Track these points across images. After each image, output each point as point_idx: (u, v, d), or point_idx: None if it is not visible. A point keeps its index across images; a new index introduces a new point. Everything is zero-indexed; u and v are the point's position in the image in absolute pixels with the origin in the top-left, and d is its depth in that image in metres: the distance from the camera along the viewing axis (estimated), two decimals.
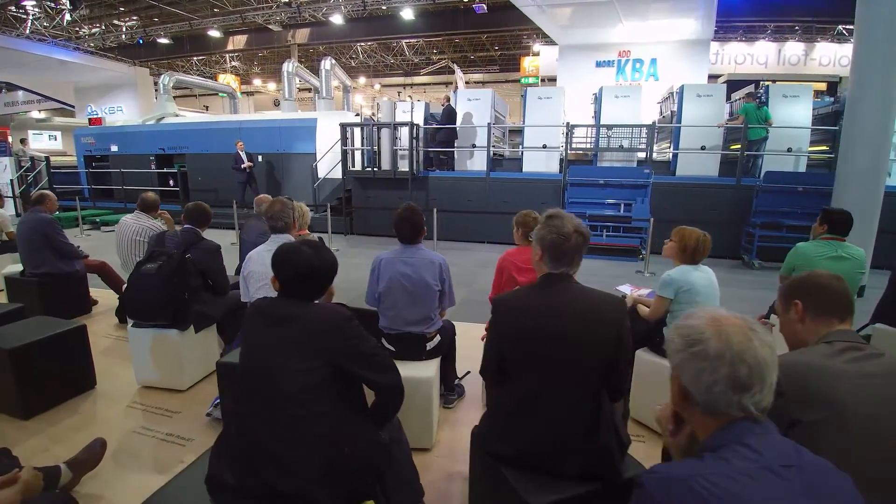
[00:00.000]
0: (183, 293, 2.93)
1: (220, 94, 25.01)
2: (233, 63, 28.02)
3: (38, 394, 2.83)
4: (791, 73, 16.94)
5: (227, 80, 24.68)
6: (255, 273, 2.51)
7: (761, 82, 11.45)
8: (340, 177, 10.65)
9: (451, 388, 3.07)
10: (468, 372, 3.35)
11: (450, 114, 9.73)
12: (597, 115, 9.81)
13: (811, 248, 3.44)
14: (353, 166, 10.68)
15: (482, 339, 3.10)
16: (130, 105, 19.02)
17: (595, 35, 12.92)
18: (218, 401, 2.70)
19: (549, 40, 19.54)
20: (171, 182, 13.03)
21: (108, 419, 2.86)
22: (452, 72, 29.81)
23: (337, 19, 18.65)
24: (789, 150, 8.83)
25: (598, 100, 9.88)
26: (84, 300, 4.66)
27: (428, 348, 2.66)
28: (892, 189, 6.74)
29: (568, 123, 9.13)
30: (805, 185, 7.87)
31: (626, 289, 3.45)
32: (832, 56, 16.98)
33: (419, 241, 2.74)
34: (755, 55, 17.83)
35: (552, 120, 9.51)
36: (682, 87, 9.41)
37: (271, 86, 31.03)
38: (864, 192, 6.24)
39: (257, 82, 30.91)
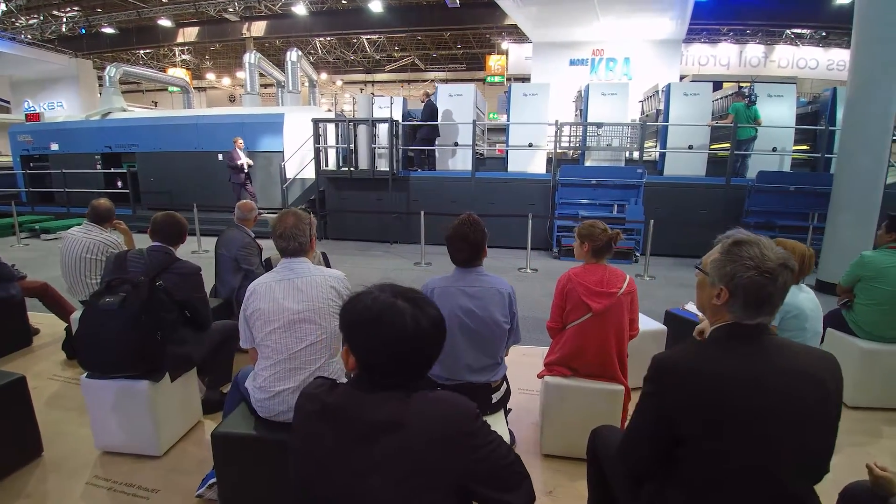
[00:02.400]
0: (155, 333, 2.24)
1: (171, 88, 23.33)
2: (183, 56, 26.28)
3: None
4: (752, 75, 17.34)
5: (178, 74, 23.02)
6: (262, 312, 1.86)
7: (741, 84, 11.46)
8: (312, 177, 9.89)
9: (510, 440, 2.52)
10: (510, 409, 2.81)
11: (432, 110, 9.15)
12: (583, 112, 9.47)
13: (879, 256, 3.10)
14: (327, 165, 9.94)
15: (539, 377, 2.60)
16: (72, 100, 17.37)
17: (570, 33, 12.75)
18: (213, 479, 2.04)
19: (517, 38, 19.36)
20: (120, 184, 11.82)
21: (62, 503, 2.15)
22: (416, 70, 29.30)
23: (300, 10, 17.65)
24: (774, 149, 8.78)
25: (584, 97, 9.54)
26: (22, 331, 3.78)
27: (494, 401, 2.09)
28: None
29: (557, 121, 8.75)
30: (800, 186, 7.77)
31: (692, 308, 3.02)
32: (790, 58, 17.54)
33: (480, 264, 2.16)
34: (718, 56, 18.22)
35: (538, 117, 9.10)
36: (668, 86, 9.21)
37: (226, 81, 29.41)
38: (865, 193, 6.14)
39: (210, 77, 29.18)
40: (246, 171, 9.97)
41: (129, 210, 10.59)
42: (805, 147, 9.38)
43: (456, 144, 9.46)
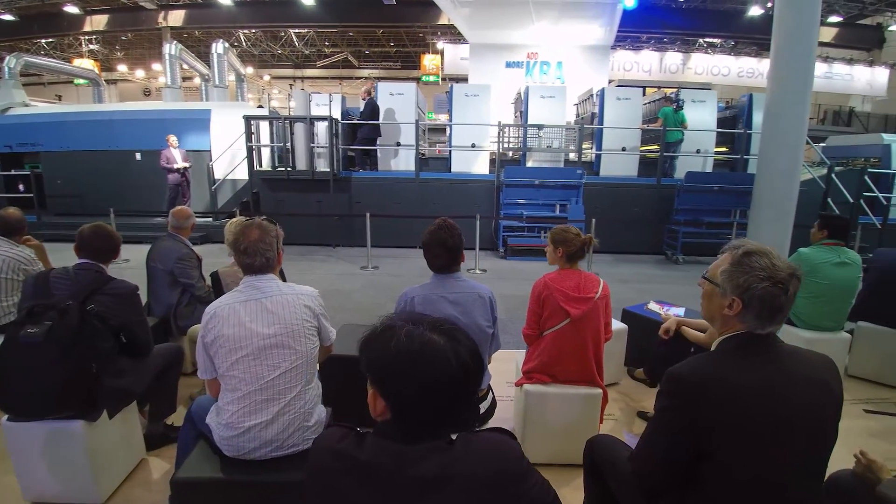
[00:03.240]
0: (89, 366, 1.93)
1: (78, 81, 21.08)
2: (91, 46, 23.94)
3: None
4: (671, 80, 18.58)
5: (85, 65, 20.83)
6: (226, 339, 1.63)
7: (665, 89, 12.19)
8: (244, 177, 9.32)
9: None
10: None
11: (373, 108, 8.90)
12: (523, 114, 9.63)
13: (814, 253, 3.34)
14: (261, 165, 9.40)
15: (517, 385, 2.53)
16: None
17: (506, 35, 12.99)
18: None
19: (452, 38, 19.42)
20: (21, 187, 10.50)
21: None
22: (348, 66, 28.62)
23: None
24: (698, 151, 9.39)
25: (524, 99, 9.70)
26: None
27: (481, 411, 2.01)
28: None
29: (500, 122, 8.82)
30: (723, 185, 8.33)
31: (655, 307, 3.09)
32: (705, 66, 18.90)
33: (459, 269, 2.09)
34: (641, 63, 19.24)
35: (479, 118, 9.13)
36: (602, 90, 9.58)
37: (140, 73, 27.18)
38: (783, 191, 6.68)
39: (122, 68, 26.82)
40: (182, 172, 9.20)
41: (34, 217, 9.44)
42: (724, 149, 10.11)
43: (398, 144, 9.29)
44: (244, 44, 24.92)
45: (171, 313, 3.19)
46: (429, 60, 22.58)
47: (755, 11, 16.76)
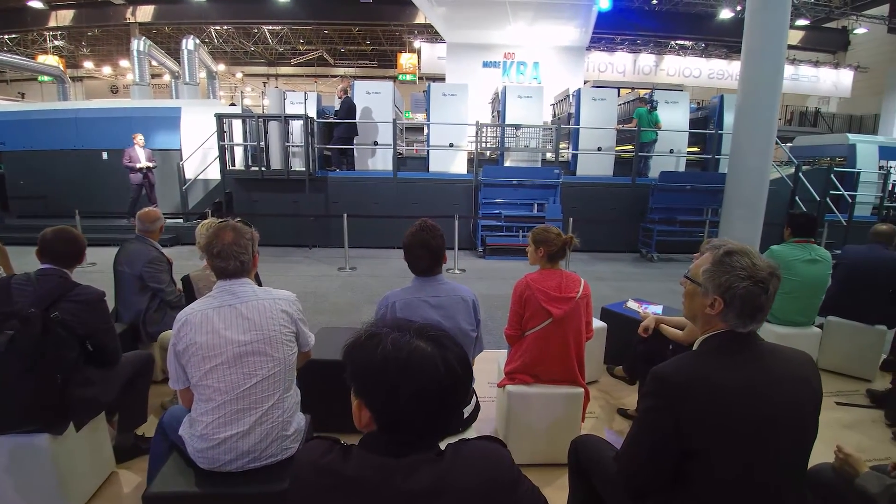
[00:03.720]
0: (55, 376, 1.83)
1: (42, 78, 20.28)
2: (56, 42, 23.07)
3: None
4: (645, 82, 18.91)
5: (50, 62, 20.02)
6: (199, 346, 1.56)
7: (639, 90, 12.39)
8: (217, 177, 9.09)
9: None
10: None
11: (349, 107, 8.80)
12: (501, 114, 9.66)
13: (785, 250, 3.43)
14: (234, 165, 9.18)
15: (500, 386, 2.51)
16: None
17: (483, 35, 13.02)
18: None
19: (429, 37, 19.38)
20: None
21: None
22: (324, 64, 28.25)
23: None
24: (671, 151, 9.57)
25: (501, 99, 9.73)
26: None
27: (465, 415, 1.98)
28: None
29: (478, 122, 8.82)
30: (695, 184, 8.51)
31: (633, 305, 3.11)
32: (677, 67, 19.31)
33: (441, 271, 2.05)
34: (615, 64, 19.53)
35: (457, 117, 9.12)
36: (578, 91, 9.67)
37: (107, 70, 26.31)
38: (754, 190, 6.85)
39: (88, 65, 25.91)
40: (145, 172, 8.92)
41: None
42: (696, 149, 10.33)
43: (376, 143, 9.20)
44: (216, 40, 24.37)
45: (140, 319, 3.07)
46: (406, 59, 22.46)
47: (725, 15, 17.20)
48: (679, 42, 21.78)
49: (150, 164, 8.94)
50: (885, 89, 17.80)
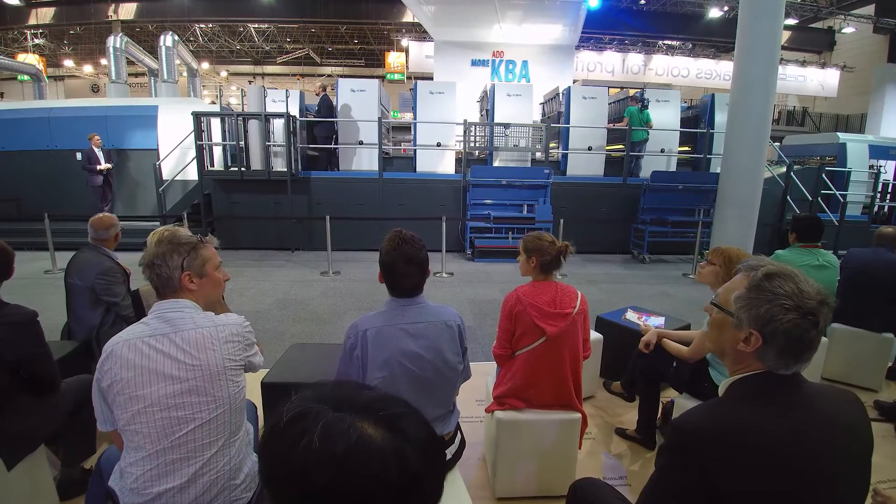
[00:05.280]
0: None
1: (22, 77, 19.67)
2: (37, 41, 22.42)
3: None
4: (633, 81, 18.84)
5: (30, 60, 19.43)
6: (125, 384, 1.31)
7: (628, 89, 12.25)
8: (195, 178, 8.74)
9: None
10: None
11: (328, 106, 8.52)
12: (489, 113, 9.43)
13: (791, 256, 3.24)
14: (212, 165, 8.85)
15: (488, 411, 2.27)
16: None
17: (472, 33, 12.83)
18: None
19: (417, 36, 19.11)
20: None
21: None
22: (310, 63, 27.83)
23: None
24: (662, 150, 9.42)
25: (490, 98, 9.50)
26: None
27: (448, 457, 1.72)
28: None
29: (466, 121, 8.59)
30: (689, 184, 8.35)
31: (633, 317, 2.89)
32: (666, 67, 19.25)
33: (422, 290, 1.75)
34: (604, 63, 19.43)
35: (445, 116, 8.88)
36: (568, 89, 9.48)
37: (88, 69, 25.67)
38: (747, 190, 6.70)
39: (70, 64, 25.25)
40: (105, 174, 8.55)
41: None
42: (687, 148, 10.19)
43: (361, 143, 8.92)
44: (200, 39, 23.89)
45: (93, 335, 2.78)
46: (393, 58, 22.16)
47: (714, 14, 17.18)
48: (667, 42, 21.79)
49: (109, 166, 8.60)
50: (871, 88, 17.89)
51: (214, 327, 1.41)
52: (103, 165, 8.48)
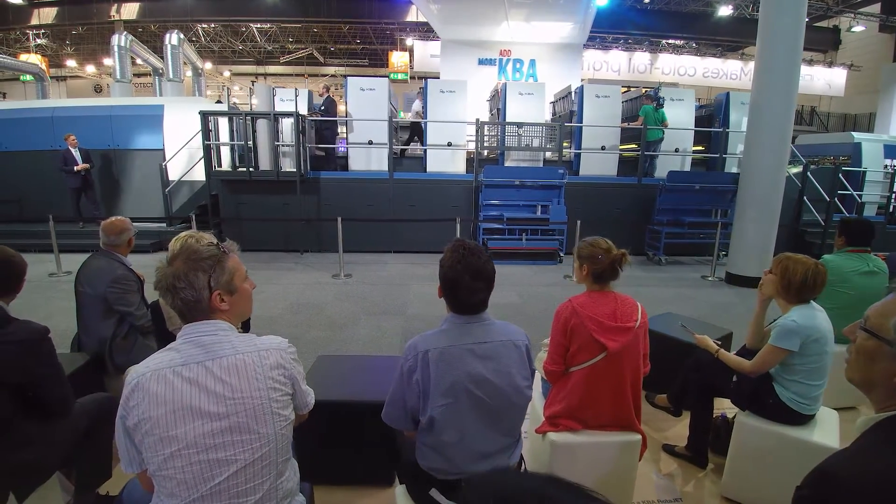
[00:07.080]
0: None
1: (24, 77, 19.55)
2: (39, 41, 22.28)
3: None
4: (640, 80, 18.66)
5: (32, 60, 19.29)
6: (155, 423, 1.11)
7: (640, 87, 12.07)
8: (202, 179, 8.56)
9: None
10: None
11: (330, 106, 8.36)
12: (501, 112, 9.26)
13: (841, 261, 3.06)
14: (220, 165, 8.68)
15: (539, 432, 2.09)
16: None
17: (479, 32, 12.68)
18: None
19: (422, 35, 18.95)
20: None
21: None
22: (314, 63, 27.66)
23: None
24: (677, 150, 9.24)
25: (501, 97, 9.32)
26: None
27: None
28: None
29: (478, 120, 8.41)
30: (706, 184, 8.16)
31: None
32: (672, 66, 19.10)
33: (487, 306, 1.56)
34: (610, 62, 19.29)
35: (455, 115, 8.70)
36: (581, 87, 9.30)
37: (90, 69, 25.52)
38: (768, 191, 6.54)
39: (72, 64, 25.10)
40: (83, 174, 8.36)
41: None
42: (701, 147, 10.01)
43: (370, 143, 8.74)
44: (203, 39, 23.74)
45: (105, 348, 2.61)
46: (397, 58, 21.98)
47: (724, 11, 17.01)
48: (671, 41, 21.62)
49: (87, 166, 8.40)
50: (877, 87, 17.69)
51: (257, 352, 1.22)
52: (81, 165, 8.28)
